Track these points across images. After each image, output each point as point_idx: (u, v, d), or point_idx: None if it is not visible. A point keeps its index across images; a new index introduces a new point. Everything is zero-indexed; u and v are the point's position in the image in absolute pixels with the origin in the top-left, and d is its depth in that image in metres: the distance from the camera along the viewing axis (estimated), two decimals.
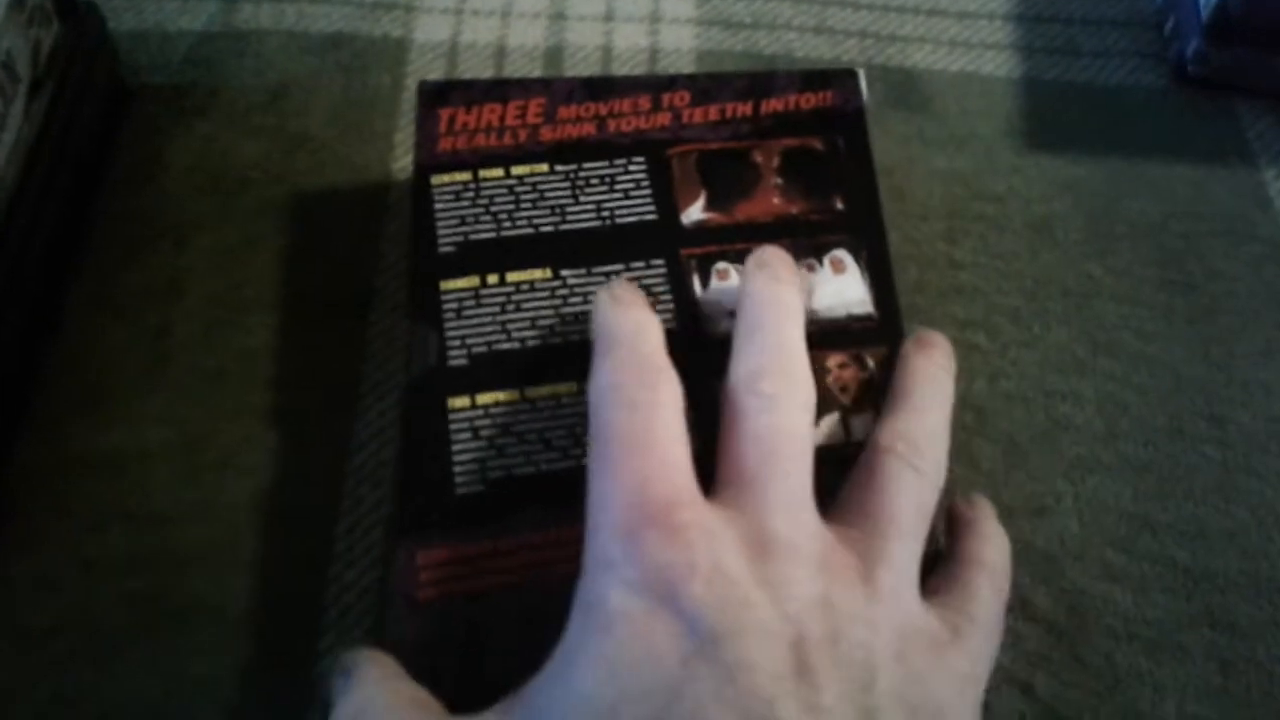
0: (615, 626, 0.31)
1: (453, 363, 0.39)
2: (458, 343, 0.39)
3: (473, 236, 0.41)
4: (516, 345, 0.39)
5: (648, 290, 0.40)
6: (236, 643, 0.40)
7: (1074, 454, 0.45)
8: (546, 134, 0.43)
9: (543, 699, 0.31)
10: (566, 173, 0.42)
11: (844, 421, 0.39)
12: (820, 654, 0.30)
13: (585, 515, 0.33)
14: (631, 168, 0.42)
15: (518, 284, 0.40)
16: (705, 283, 0.40)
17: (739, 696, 0.29)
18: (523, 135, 0.43)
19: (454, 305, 0.40)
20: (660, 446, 0.33)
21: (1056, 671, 0.40)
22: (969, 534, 0.38)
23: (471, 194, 0.42)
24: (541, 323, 0.39)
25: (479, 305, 0.40)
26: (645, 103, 0.44)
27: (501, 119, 0.43)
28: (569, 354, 0.39)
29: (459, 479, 0.37)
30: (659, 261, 0.41)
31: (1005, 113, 0.54)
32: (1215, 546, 0.43)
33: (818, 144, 0.44)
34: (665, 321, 0.39)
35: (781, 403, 0.35)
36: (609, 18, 0.56)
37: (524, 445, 0.38)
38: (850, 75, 0.45)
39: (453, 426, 0.38)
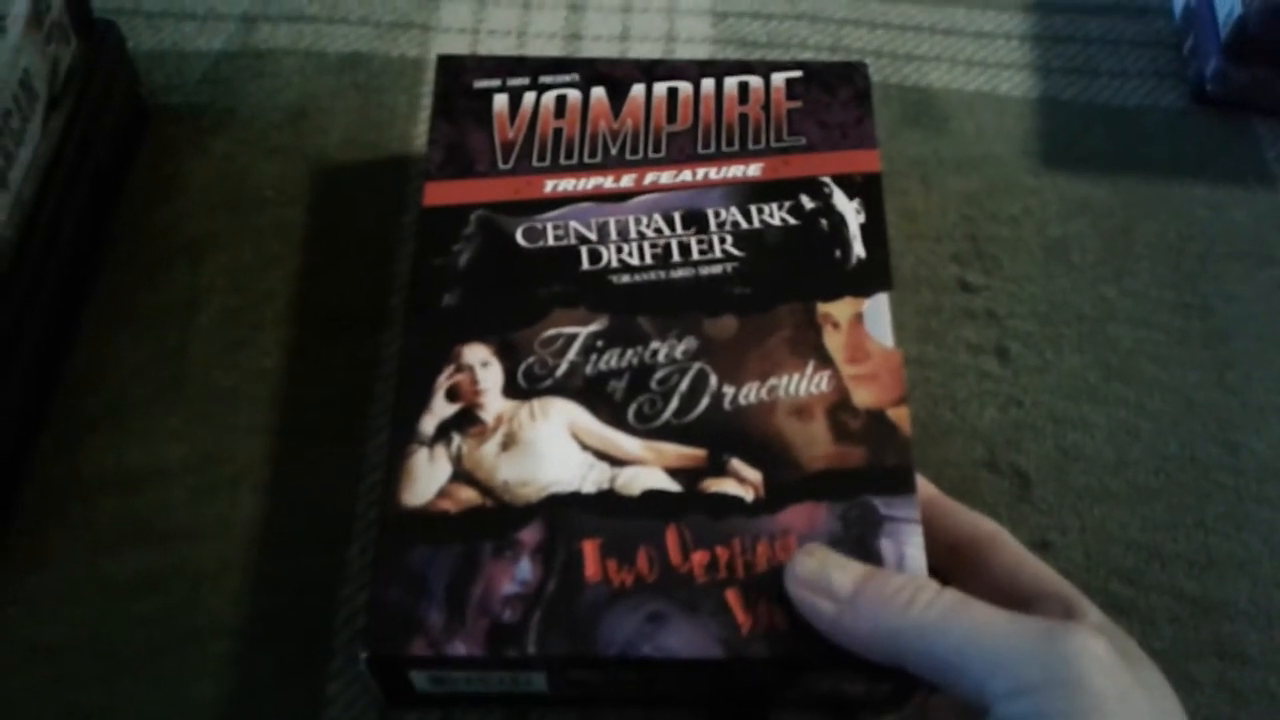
0: None
1: None
2: None
3: None
4: None
5: None
6: (247, 663, 0.40)
7: (1082, 484, 0.45)
8: None
9: None
10: None
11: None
12: None
13: None
14: None
15: None
16: None
17: None
18: None
19: None
20: None
21: None
22: None
23: None
24: None
25: None
26: None
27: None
28: None
29: None
30: None
31: (1021, 133, 0.54)
32: (1225, 576, 0.43)
33: None
34: None
35: None
36: (624, 37, 0.56)
37: None
38: None
39: None
